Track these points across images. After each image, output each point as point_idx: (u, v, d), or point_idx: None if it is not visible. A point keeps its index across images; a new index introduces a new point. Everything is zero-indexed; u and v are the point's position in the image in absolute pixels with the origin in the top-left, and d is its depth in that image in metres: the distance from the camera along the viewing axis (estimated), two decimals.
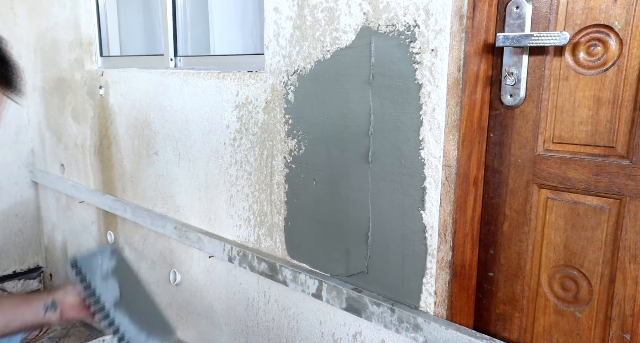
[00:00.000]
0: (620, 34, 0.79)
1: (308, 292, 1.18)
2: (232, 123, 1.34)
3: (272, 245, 1.30)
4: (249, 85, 1.28)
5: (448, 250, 0.97)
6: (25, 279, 2.62)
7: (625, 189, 0.81)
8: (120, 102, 1.78)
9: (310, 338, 1.24)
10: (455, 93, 0.91)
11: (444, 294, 0.99)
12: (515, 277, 0.96)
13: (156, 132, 1.63)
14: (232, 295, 1.46)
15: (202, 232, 1.49)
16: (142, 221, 1.72)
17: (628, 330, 0.85)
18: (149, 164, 1.69)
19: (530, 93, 0.89)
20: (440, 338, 0.95)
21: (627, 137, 0.81)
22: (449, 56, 0.89)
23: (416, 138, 0.95)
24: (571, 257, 0.89)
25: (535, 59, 0.87)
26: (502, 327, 0.99)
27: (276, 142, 1.23)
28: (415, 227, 0.98)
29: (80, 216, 2.20)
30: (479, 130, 0.93)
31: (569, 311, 0.91)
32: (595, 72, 0.82)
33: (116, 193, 1.90)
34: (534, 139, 0.90)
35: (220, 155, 1.41)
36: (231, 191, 1.39)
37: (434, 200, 0.95)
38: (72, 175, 2.17)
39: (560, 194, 0.89)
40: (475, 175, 0.95)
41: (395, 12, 0.94)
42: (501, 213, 0.96)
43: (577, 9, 0.82)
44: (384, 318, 1.03)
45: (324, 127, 1.11)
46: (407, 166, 0.97)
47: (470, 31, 0.89)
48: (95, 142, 1.96)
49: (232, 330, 1.49)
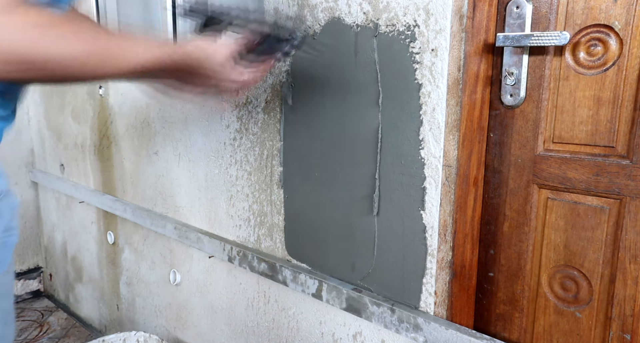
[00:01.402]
0: (620, 34, 0.79)
1: (308, 292, 1.18)
2: (232, 123, 1.34)
3: (272, 245, 1.30)
4: None
5: (448, 250, 0.97)
6: (25, 279, 2.62)
7: (626, 189, 0.81)
8: (120, 102, 1.78)
9: (310, 339, 1.24)
10: (455, 93, 0.91)
11: (444, 294, 0.99)
12: (516, 277, 0.96)
13: (156, 132, 1.63)
14: (232, 295, 1.46)
15: (202, 232, 1.49)
16: (142, 221, 1.72)
17: (628, 330, 0.85)
18: (149, 164, 1.69)
19: (531, 93, 0.89)
20: (440, 338, 0.95)
21: (627, 137, 0.81)
22: (449, 56, 0.89)
23: (416, 138, 0.95)
24: (571, 257, 0.89)
25: (535, 59, 0.87)
26: (502, 327, 0.99)
27: (276, 142, 1.23)
28: (415, 227, 0.98)
29: (80, 216, 2.20)
30: (479, 130, 0.93)
31: (569, 311, 0.91)
32: (595, 72, 0.82)
33: (116, 193, 1.90)
34: (534, 139, 0.89)
35: (220, 155, 1.41)
36: (231, 191, 1.39)
37: (434, 200, 0.95)
38: (72, 175, 2.17)
39: (560, 194, 0.89)
40: (475, 175, 0.95)
41: (395, 12, 0.94)
42: (501, 213, 0.96)
43: (577, 8, 0.82)
44: (384, 319, 1.03)
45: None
46: (407, 166, 0.97)
47: (470, 31, 0.88)
48: (95, 142, 1.96)
49: (232, 330, 1.49)
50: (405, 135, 0.97)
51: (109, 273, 2.08)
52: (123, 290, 2.01)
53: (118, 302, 2.06)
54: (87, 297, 2.30)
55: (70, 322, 2.38)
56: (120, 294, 2.03)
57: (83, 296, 2.33)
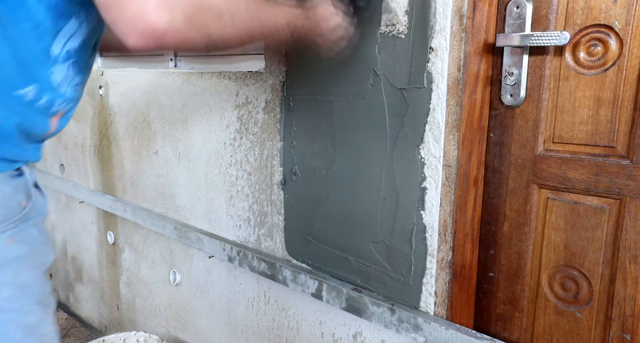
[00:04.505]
0: (620, 34, 0.79)
1: (308, 292, 1.18)
2: (232, 123, 1.34)
3: (272, 245, 1.30)
4: (249, 85, 1.28)
5: (448, 250, 0.97)
6: None
7: (626, 189, 0.81)
8: (120, 102, 1.78)
9: (311, 339, 1.24)
10: (455, 93, 0.91)
11: (444, 294, 0.99)
12: (516, 277, 0.96)
13: (156, 132, 1.63)
14: (232, 295, 1.46)
15: (202, 232, 1.49)
16: (142, 221, 1.72)
17: (628, 331, 0.85)
18: (149, 164, 1.69)
19: (531, 93, 0.89)
20: (440, 338, 0.95)
21: (627, 137, 0.81)
22: (449, 56, 0.89)
23: (416, 138, 0.95)
24: (571, 257, 0.89)
25: (535, 59, 0.87)
26: (502, 327, 0.99)
27: (276, 142, 1.23)
28: (415, 227, 0.98)
29: (80, 216, 2.20)
30: (479, 130, 0.93)
31: (569, 311, 0.91)
32: (595, 72, 0.82)
33: (116, 193, 1.90)
34: (534, 139, 0.89)
35: (220, 155, 1.41)
36: (231, 191, 1.39)
37: (434, 200, 0.95)
38: (72, 175, 2.17)
39: (560, 194, 0.89)
40: (475, 175, 0.95)
41: (395, 12, 0.94)
42: (501, 214, 0.96)
43: (577, 8, 0.82)
44: (384, 319, 1.03)
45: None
46: (407, 166, 0.97)
47: (470, 31, 0.88)
48: (95, 142, 1.96)
49: (232, 330, 1.49)
50: (405, 135, 0.97)
51: (109, 273, 2.08)
52: (123, 290, 2.01)
53: (118, 302, 2.06)
54: (87, 296, 2.30)
55: (70, 322, 2.38)
56: (120, 294, 2.03)
57: (83, 296, 2.33)
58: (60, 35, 0.68)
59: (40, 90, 0.70)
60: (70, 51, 0.71)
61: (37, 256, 0.77)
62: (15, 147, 0.73)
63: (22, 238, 0.73)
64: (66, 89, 0.74)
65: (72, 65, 0.73)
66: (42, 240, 0.79)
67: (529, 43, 0.84)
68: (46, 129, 0.76)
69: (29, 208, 0.75)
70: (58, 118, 0.77)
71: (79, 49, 0.73)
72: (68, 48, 0.71)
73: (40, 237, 0.78)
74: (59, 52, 0.70)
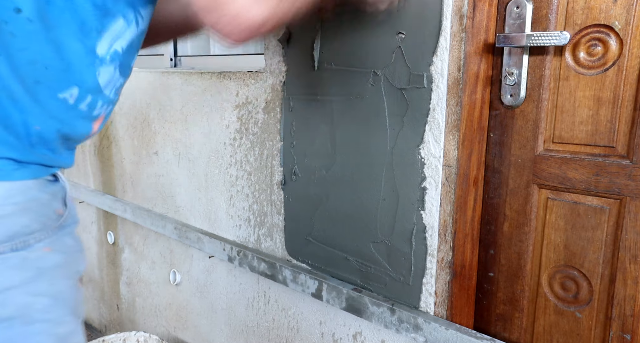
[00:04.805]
0: (620, 34, 0.79)
1: (308, 292, 1.18)
2: (232, 123, 1.34)
3: (272, 245, 1.30)
4: (249, 85, 1.28)
5: (448, 250, 0.97)
6: None
7: (626, 189, 0.81)
8: (120, 102, 1.78)
9: (311, 339, 1.24)
10: (455, 93, 0.91)
11: (444, 294, 0.99)
12: (516, 277, 0.96)
13: (156, 132, 1.63)
14: (232, 295, 1.46)
15: (202, 232, 1.49)
16: (142, 221, 1.72)
17: (628, 331, 0.85)
18: (149, 164, 1.69)
19: (531, 93, 0.89)
20: (440, 338, 0.95)
21: (627, 137, 0.81)
22: (449, 56, 0.89)
23: (416, 138, 0.95)
24: (571, 257, 0.89)
25: (535, 59, 0.87)
26: (502, 327, 0.99)
27: (276, 142, 1.23)
28: (415, 227, 0.98)
29: (80, 216, 2.20)
30: (479, 130, 0.93)
31: (569, 311, 0.91)
32: (595, 72, 0.82)
33: (116, 193, 1.90)
34: (534, 139, 0.89)
35: (220, 155, 1.41)
36: (231, 191, 1.39)
37: (434, 200, 0.95)
38: (72, 175, 2.17)
39: (560, 194, 0.89)
40: (475, 175, 0.95)
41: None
42: (501, 214, 0.96)
43: (577, 9, 0.82)
44: (384, 319, 1.03)
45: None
46: (407, 166, 0.97)
47: (470, 31, 0.88)
48: (95, 142, 1.96)
49: (232, 330, 1.49)
50: (405, 135, 0.97)
51: (109, 273, 2.08)
52: (123, 290, 2.01)
53: (118, 302, 2.06)
54: (87, 297, 2.30)
55: None
56: (120, 294, 2.03)
57: (83, 296, 2.33)
58: (106, 35, 0.67)
59: (84, 93, 0.68)
60: (117, 52, 0.70)
61: (71, 265, 0.75)
62: (52, 152, 0.71)
63: (58, 247, 0.71)
64: (110, 91, 0.73)
65: (119, 67, 0.72)
66: (77, 249, 0.77)
67: (529, 43, 0.83)
68: (87, 133, 0.74)
69: (65, 216, 0.73)
70: (99, 122, 0.75)
71: (126, 50, 0.72)
72: (115, 49, 0.69)
73: (75, 245, 0.76)
74: (105, 52, 0.68)
